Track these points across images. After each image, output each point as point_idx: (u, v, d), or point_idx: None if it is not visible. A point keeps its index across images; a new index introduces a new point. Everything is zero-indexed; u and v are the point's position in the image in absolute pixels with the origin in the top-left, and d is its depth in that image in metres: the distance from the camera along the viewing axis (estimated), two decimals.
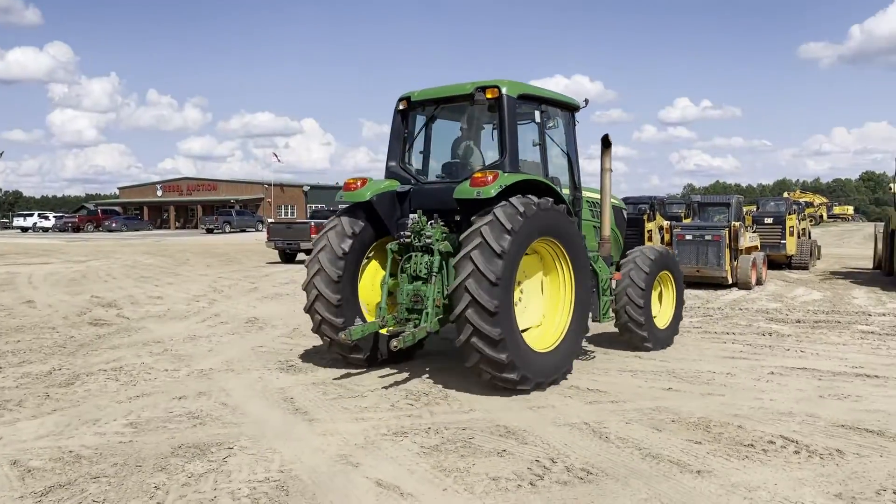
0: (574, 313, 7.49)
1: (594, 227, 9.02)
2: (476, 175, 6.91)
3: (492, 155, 7.86)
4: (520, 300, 7.27)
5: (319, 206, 48.61)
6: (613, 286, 8.60)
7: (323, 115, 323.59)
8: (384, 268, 7.85)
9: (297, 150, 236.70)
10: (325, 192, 78.63)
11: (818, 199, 73.74)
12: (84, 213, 67.23)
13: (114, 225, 62.81)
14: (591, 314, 8.01)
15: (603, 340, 9.57)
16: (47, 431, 5.81)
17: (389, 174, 8.09)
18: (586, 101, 8.60)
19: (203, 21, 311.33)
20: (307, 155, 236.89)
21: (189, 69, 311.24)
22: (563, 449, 5.30)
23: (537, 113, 7.89)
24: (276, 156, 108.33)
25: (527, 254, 7.09)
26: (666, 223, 18.40)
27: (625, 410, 6.30)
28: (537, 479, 4.74)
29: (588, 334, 8.66)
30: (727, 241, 15.66)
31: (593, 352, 8.86)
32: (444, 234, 7.38)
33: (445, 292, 7.07)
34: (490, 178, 6.80)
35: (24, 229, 63.93)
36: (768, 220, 20.17)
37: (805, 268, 20.56)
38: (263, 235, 30.99)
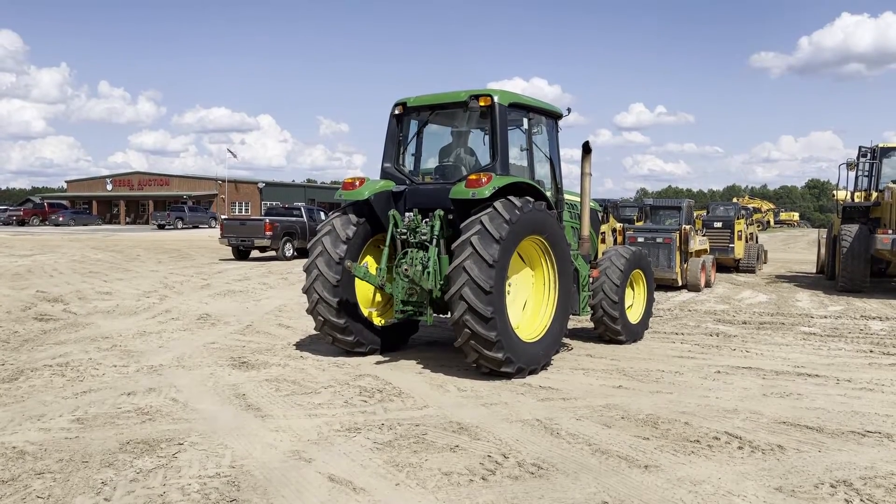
0: (557, 307, 8.01)
1: (573, 227, 9.49)
2: (471, 177, 7.41)
3: (482, 158, 8.41)
4: (509, 293, 7.65)
5: (274, 203, 48.09)
6: (591, 282, 9.13)
7: (280, 112, 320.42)
8: (379, 262, 8.14)
9: (253, 147, 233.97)
10: (281, 190, 77.86)
11: (766, 205, 75.83)
12: (30, 207, 65.28)
13: (61, 219, 61.10)
14: (571, 307, 8.44)
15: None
16: None
17: (385, 175, 8.51)
18: (569, 109, 9.18)
19: (159, 12, 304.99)
20: (263, 152, 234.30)
21: (143, 61, 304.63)
22: (514, 444, 5.37)
23: (525, 120, 8.47)
24: (231, 152, 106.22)
25: (515, 251, 7.54)
26: (619, 225, 18.70)
27: (576, 407, 6.41)
28: (489, 473, 4.79)
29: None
30: (678, 244, 16.00)
31: (570, 346, 9.23)
32: (440, 232, 7.77)
33: (438, 285, 7.54)
34: (484, 180, 7.30)
35: None
36: (717, 225, 20.67)
37: (752, 271, 21.13)
38: (217, 232, 30.55)
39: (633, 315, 9.78)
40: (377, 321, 8.61)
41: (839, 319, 12.02)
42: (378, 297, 8.74)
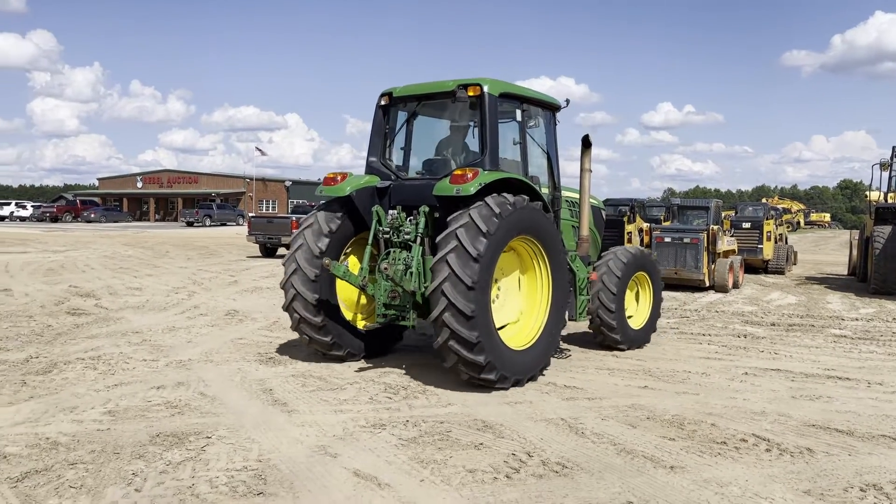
0: (551, 311, 7.53)
1: (573, 226, 9.06)
2: (456, 172, 6.95)
3: (472, 152, 7.89)
4: (497, 297, 7.33)
5: (301, 201, 48.47)
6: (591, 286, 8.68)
7: (307, 111, 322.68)
8: (362, 261, 7.74)
9: (280, 145, 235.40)
10: (308, 188, 78.36)
11: (796, 206, 74.74)
12: (63, 204, 66.32)
13: (92, 216, 62.17)
14: (567, 313, 8.06)
15: (580, 339, 9.65)
16: (24, 418, 5.78)
17: (370, 169, 8.11)
18: (567, 101, 8.67)
19: (189, 12, 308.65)
20: (290, 150, 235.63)
21: (174, 61, 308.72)
22: (539, 443, 5.37)
23: (518, 112, 7.93)
24: (259, 150, 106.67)
25: (505, 251, 7.11)
26: (646, 225, 18.59)
27: (601, 407, 6.39)
28: (513, 471, 4.80)
29: (564, 332, 8.70)
30: (705, 245, 15.84)
31: (569, 350, 8.90)
32: (425, 230, 7.36)
33: (423, 287, 7.10)
34: (470, 175, 6.85)
35: (1, 218, 63.00)
36: (746, 225, 20.42)
37: (781, 273, 20.85)
38: (244, 229, 30.84)
39: (637, 320, 9.31)
40: (361, 325, 8.13)
41: (871, 322, 11.82)
42: (363, 300, 8.15)
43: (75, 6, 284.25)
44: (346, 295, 8.08)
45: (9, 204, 66.47)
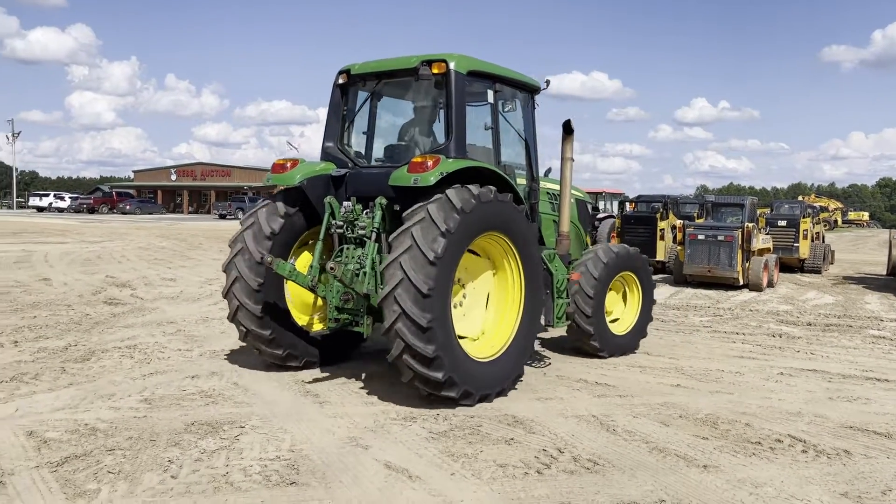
0: (524, 317, 6.74)
1: (555, 221, 8.25)
2: (415, 160, 6.21)
3: (441, 138, 7.01)
4: (461, 303, 6.64)
5: None
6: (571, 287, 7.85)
7: None
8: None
9: (312, 140, 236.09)
10: None
11: (833, 204, 73.20)
12: (99, 195, 67.68)
13: (128, 207, 63.31)
14: (543, 318, 7.22)
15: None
16: (63, 404, 5.91)
17: (326, 156, 7.27)
18: (547, 81, 7.89)
19: (224, 8, 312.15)
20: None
21: (208, 55, 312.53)
22: (570, 439, 5.34)
23: (491, 93, 7.10)
24: (290, 144, 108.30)
25: (471, 250, 6.46)
26: (678, 222, 18.35)
27: (633, 405, 6.34)
28: (544, 467, 4.79)
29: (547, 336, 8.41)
30: (739, 242, 15.61)
31: (549, 358, 8.17)
32: (381, 224, 6.57)
33: (378, 289, 6.18)
34: (430, 163, 6.11)
35: (41, 209, 64.41)
36: (782, 223, 20.07)
37: (818, 272, 20.45)
38: None
39: (623, 325, 8.48)
40: (318, 327, 7.36)
41: None
42: (319, 301, 7.27)
43: (114, 1, 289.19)
44: (299, 297, 7.29)
45: (48, 195, 67.95)
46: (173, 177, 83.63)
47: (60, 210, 63.93)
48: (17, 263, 16.93)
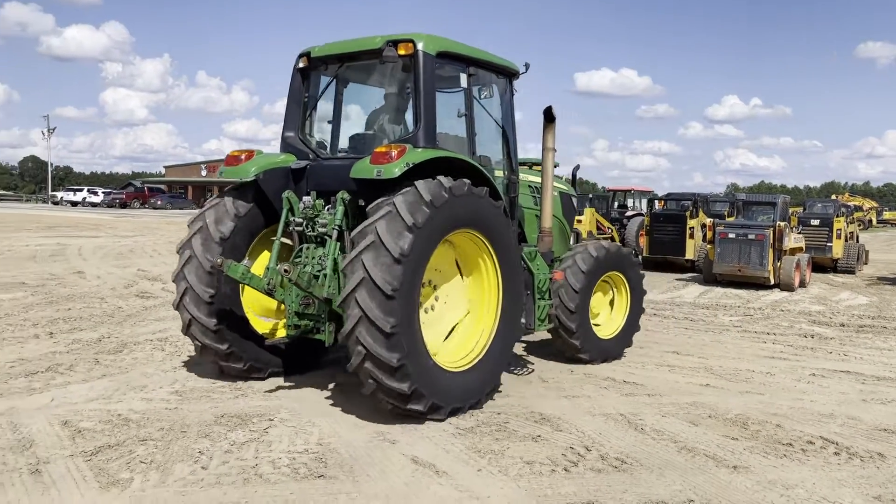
0: (501, 320, 6.22)
1: (537, 216, 7.64)
2: (379, 150, 5.66)
3: (411, 126, 6.39)
4: (433, 307, 6.17)
5: None
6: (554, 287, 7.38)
7: None
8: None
9: None
10: None
11: (868, 203, 71.74)
12: (131, 190, 68.67)
13: (159, 203, 64.15)
14: (523, 321, 6.73)
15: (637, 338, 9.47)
16: (97, 395, 6.03)
17: (286, 147, 6.75)
18: (527, 65, 7.17)
19: (256, 6, 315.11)
20: None
21: (239, 53, 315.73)
22: (597, 438, 5.32)
23: (464, 77, 6.55)
24: None
25: (441, 248, 5.91)
26: (708, 221, 18.16)
27: (661, 404, 6.29)
28: (571, 465, 4.78)
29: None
30: (771, 241, 15.39)
31: (532, 363, 7.79)
32: (343, 221, 6.08)
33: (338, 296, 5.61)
34: (395, 153, 5.57)
35: (74, 203, 65.61)
36: (815, 222, 19.74)
37: (851, 272, 20.08)
38: None
39: (608, 329, 8.01)
40: (280, 336, 6.51)
41: None
42: (282, 306, 6.46)
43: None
44: (259, 300, 6.63)
45: (81, 190, 69.19)
46: (203, 172, 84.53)
47: (94, 205, 64.99)
48: (52, 257, 17.26)
